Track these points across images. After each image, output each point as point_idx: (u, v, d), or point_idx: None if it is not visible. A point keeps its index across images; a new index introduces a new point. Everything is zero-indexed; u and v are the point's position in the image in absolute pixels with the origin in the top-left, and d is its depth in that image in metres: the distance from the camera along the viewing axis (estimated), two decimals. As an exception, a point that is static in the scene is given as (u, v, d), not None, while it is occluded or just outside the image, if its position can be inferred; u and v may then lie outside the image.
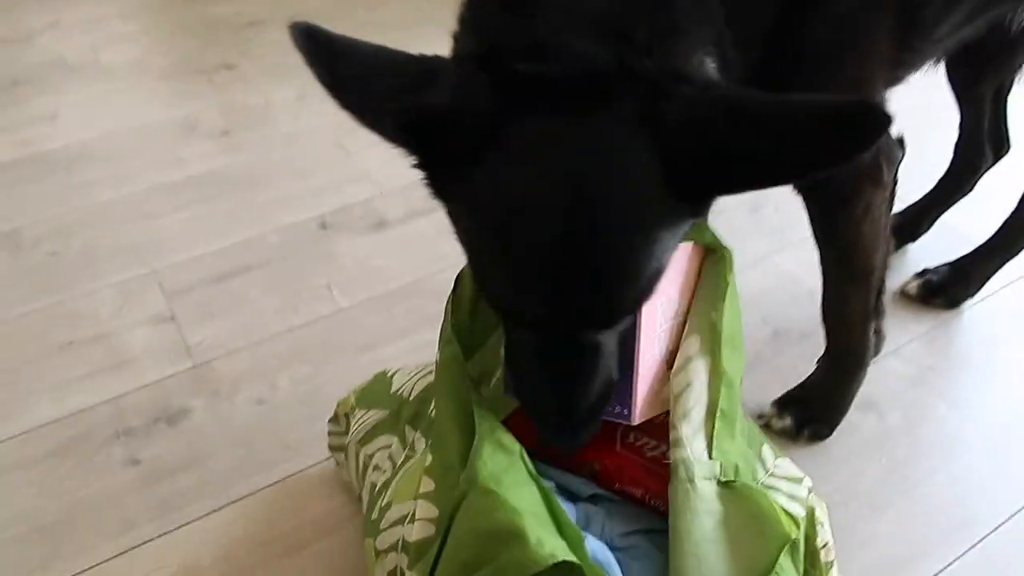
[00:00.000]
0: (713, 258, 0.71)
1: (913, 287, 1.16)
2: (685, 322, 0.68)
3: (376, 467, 0.73)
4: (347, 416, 0.85)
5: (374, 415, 0.79)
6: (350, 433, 0.81)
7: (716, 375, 0.64)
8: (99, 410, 1.01)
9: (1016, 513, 0.90)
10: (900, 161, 0.85)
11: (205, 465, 0.94)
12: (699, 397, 0.63)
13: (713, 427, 0.62)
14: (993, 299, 1.18)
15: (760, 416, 0.99)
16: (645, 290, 0.56)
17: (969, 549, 0.86)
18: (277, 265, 1.25)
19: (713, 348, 0.65)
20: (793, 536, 0.58)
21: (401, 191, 1.40)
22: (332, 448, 0.88)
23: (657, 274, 0.56)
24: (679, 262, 0.68)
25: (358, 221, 1.34)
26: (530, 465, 0.60)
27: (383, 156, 1.61)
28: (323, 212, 1.35)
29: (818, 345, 0.99)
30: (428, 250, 1.26)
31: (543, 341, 0.58)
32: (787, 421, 0.97)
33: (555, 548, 0.52)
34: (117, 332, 1.13)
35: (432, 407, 0.69)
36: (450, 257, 0.80)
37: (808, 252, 0.91)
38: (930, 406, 1.03)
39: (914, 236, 1.24)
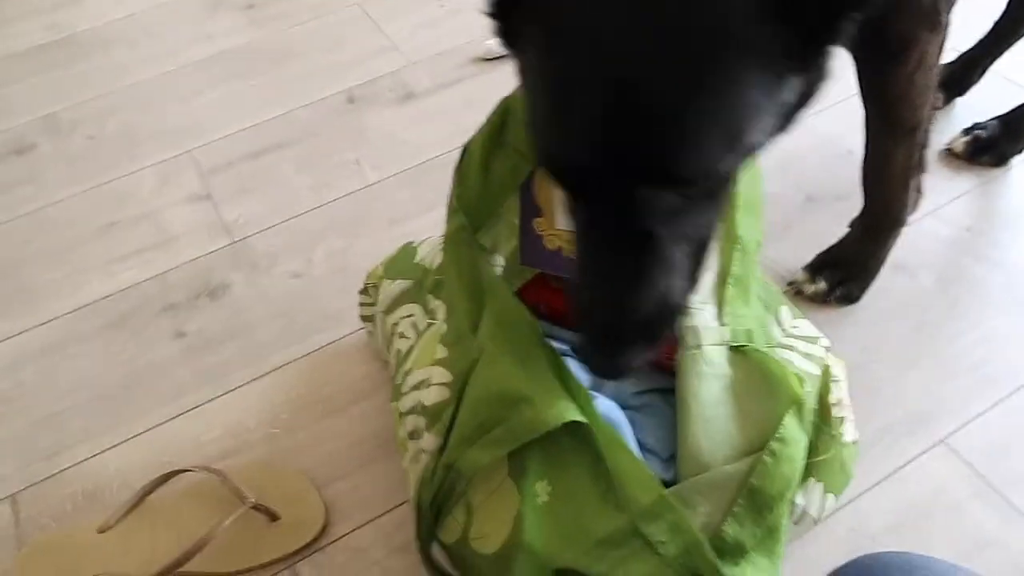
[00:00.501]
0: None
1: (960, 144, 1.11)
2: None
3: (401, 335, 0.76)
4: (376, 287, 0.87)
5: (399, 285, 0.81)
6: (377, 303, 0.84)
7: (729, 241, 0.63)
8: (145, 286, 1.06)
9: (1042, 374, 0.90)
10: (955, 2, 0.78)
11: (246, 336, 0.99)
12: (710, 264, 0.63)
13: (724, 293, 0.62)
14: (1045, 156, 1.12)
15: (792, 282, 0.99)
16: (720, 152, 0.46)
17: (990, 408, 0.87)
18: (307, 141, 1.25)
19: (729, 213, 0.64)
20: (800, 397, 0.59)
21: (428, 61, 1.37)
22: (363, 318, 0.91)
23: (740, 135, 0.46)
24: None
25: (386, 94, 1.32)
26: (540, 330, 0.61)
27: (410, 26, 1.58)
28: (350, 86, 1.34)
29: (852, 208, 0.97)
30: (455, 122, 1.25)
31: (596, 218, 0.50)
32: (820, 285, 0.96)
33: (564, 409, 0.55)
34: (158, 211, 1.17)
35: (451, 277, 0.70)
36: (476, 129, 0.79)
37: (848, 111, 0.87)
38: (965, 267, 1.01)
39: (963, 89, 1.18)
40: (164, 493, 0.82)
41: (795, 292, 0.98)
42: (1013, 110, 1.09)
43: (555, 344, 0.69)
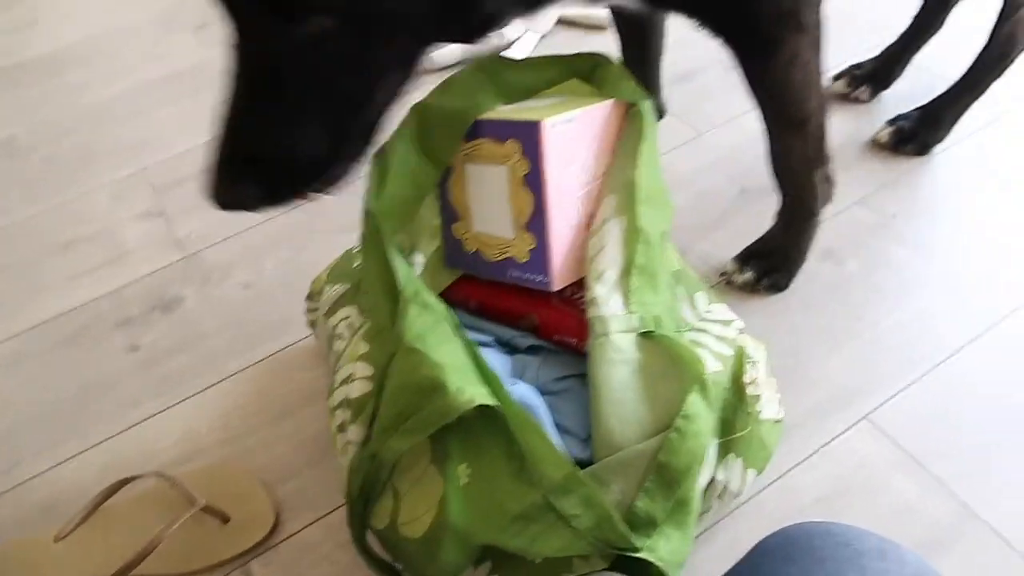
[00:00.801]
0: (632, 113, 0.72)
1: (884, 135, 1.16)
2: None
3: (339, 336, 0.79)
4: (320, 293, 0.90)
5: (338, 289, 0.84)
6: (319, 308, 0.87)
7: (632, 233, 0.67)
8: (100, 302, 1.09)
9: (959, 350, 0.94)
10: (820, 2, 0.80)
11: (199, 347, 1.01)
12: (614, 257, 0.66)
13: (630, 283, 0.65)
14: (965, 144, 1.17)
15: (723, 273, 1.03)
16: None
17: (911, 384, 0.91)
18: (258, 155, 1.28)
19: (629, 207, 0.67)
20: (702, 376, 0.63)
21: (377, 73, 1.41)
22: (309, 324, 0.94)
23: None
24: (593, 125, 0.70)
25: (335, 106, 1.36)
26: (455, 321, 0.65)
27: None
28: (301, 99, 1.37)
29: (783, 199, 1.01)
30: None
31: (236, 39, 0.54)
32: (748, 275, 1.00)
33: (474, 394, 0.58)
34: (113, 229, 1.19)
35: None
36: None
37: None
38: (890, 252, 1.05)
39: (888, 82, 1.22)
40: (118, 500, 0.84)
41: (727, 282, 1.02)
42: (932, 101, 1.14)
43: (480, 336, 0.73)
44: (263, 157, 0.55)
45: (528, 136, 0.66)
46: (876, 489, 0.84)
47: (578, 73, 0.76)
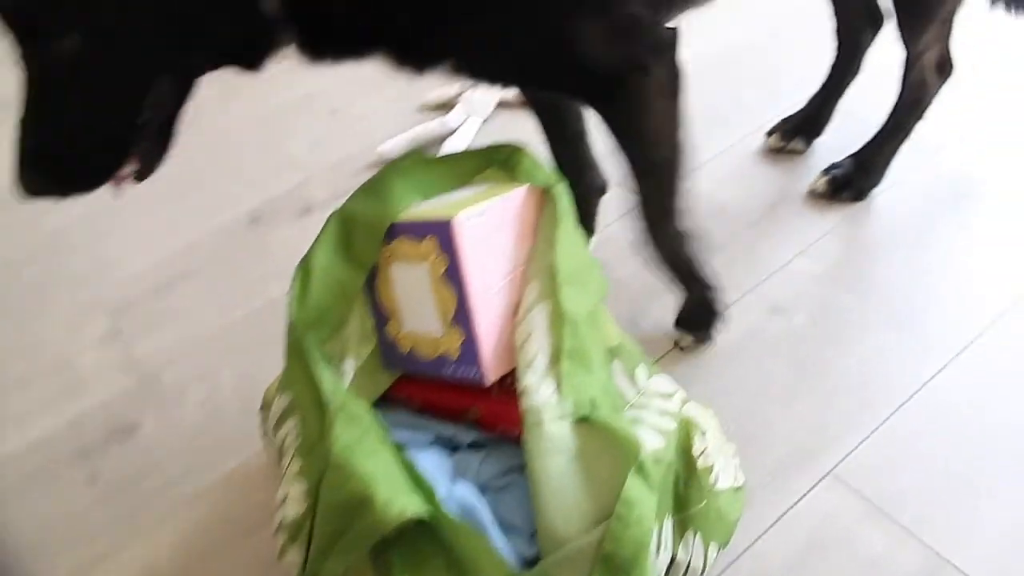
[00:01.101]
0: (549, 196, 0.73)
1: (820, 184, 1.18)
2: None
3: (287, 449, 0.78)
4: (271, 403, 0.89)
5: (286, 399, 0.83)
6: (269, 419, 0.86)
7: (557, 318, 0.67)
8: (58, 435, 1.07)
9: (917, 392, 0.94)
10: (673, 47, 0.79)
11: (158, 471, 1.00)
12: (541, 344, 0.66)
13: (560, 369, 0.65)
14: (901, 186, 1.19)
15: (676, 341, 1.03)
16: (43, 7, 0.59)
17: (871, 433, 0.91)
18: (212, 267, 1.29)
19: (553, 291, 0.68)
20: (639, 457, 0.62)
21: (326, 172, 1.43)
22: (263, 437, 0.93)
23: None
24: (508, 214, 0.71)
25: (286, 209, 1.37)
26: (383, 429, 0.64)
27: (306, 142, 1.64)
28: (253, 206, 1.39)
29: (727, 261, 1.03)
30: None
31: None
32: (687, 338, 1.01)
33: (404, 506, 0.57)
34: (69, 357, 1.19)
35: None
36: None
37: (719, 168, 0.91)
38: (835, 299, 1.06)
39: (819, 130, 1.25)
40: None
41: (679, 348, 1.02)
42: (861, 149, 1.16)
43: (421, 435, 0.73)
44: (54, 153, 0.66)
45: (443, 233, 0.67)
46: (846, 546, 0.82)
47: (494, 163, 0.77)
